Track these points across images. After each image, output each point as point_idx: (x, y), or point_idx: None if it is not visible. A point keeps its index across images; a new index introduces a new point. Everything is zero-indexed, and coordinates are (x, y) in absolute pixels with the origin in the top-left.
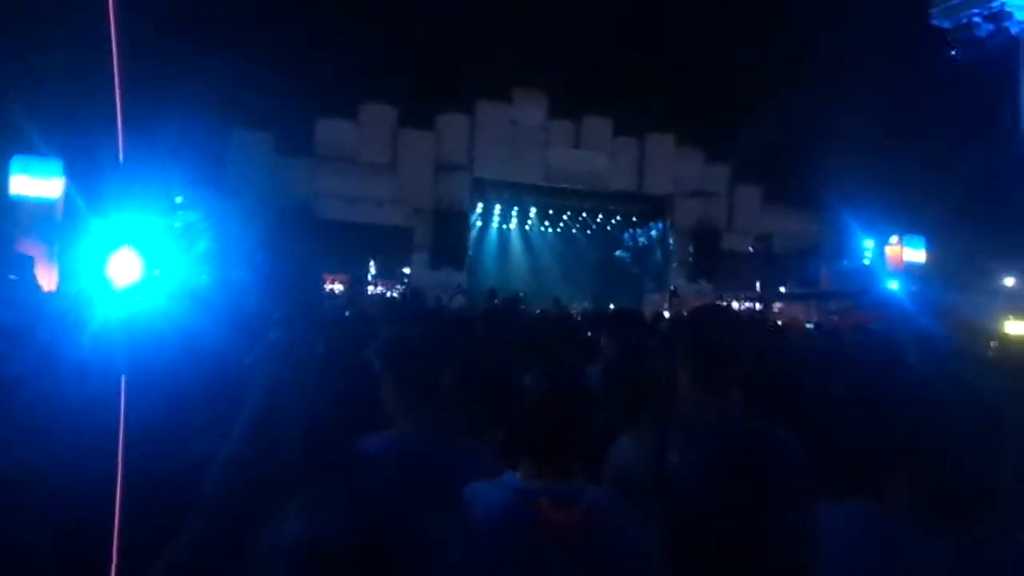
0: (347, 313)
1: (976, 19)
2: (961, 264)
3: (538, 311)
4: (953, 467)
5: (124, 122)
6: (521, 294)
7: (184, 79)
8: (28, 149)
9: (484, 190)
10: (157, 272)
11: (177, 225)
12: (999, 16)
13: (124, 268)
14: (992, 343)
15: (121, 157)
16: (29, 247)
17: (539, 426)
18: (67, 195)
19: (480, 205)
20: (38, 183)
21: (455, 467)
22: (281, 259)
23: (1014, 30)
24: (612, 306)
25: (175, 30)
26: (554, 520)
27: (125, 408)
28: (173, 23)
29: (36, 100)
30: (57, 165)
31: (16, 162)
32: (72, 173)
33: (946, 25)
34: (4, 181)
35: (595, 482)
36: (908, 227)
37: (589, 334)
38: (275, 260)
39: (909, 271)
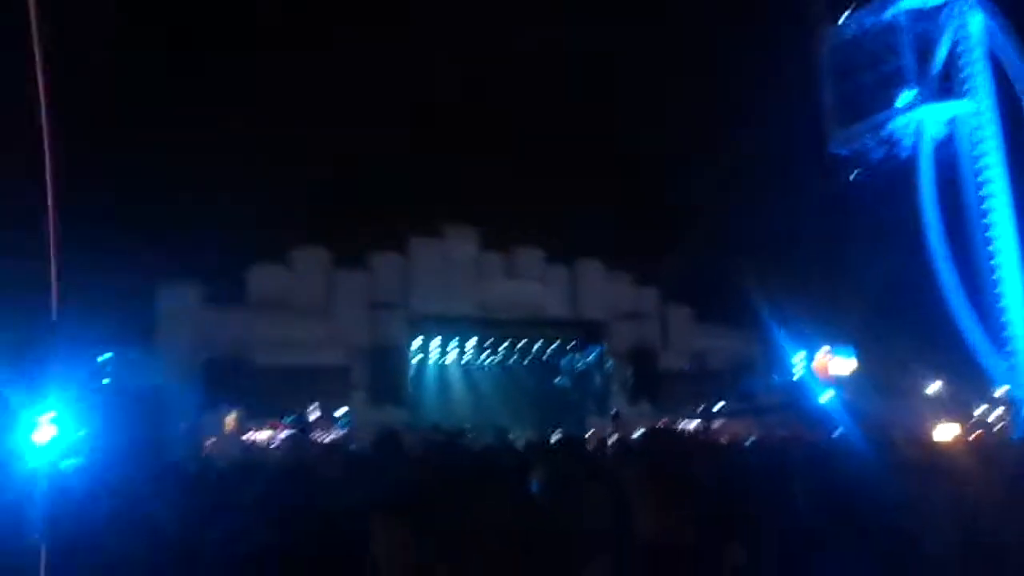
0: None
1: (869, 144)
2: (891, 371)
3: (483, 444)
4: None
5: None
6: (467, 427)
7: (110, 235)
8: None
9: (421, 325)
10: (81, 432)
11: (105, 382)
12: (890, 141)
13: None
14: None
15: (54, 316)
16: None
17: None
18: None
19: (418, 340)
20: None
21: None
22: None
23: (903, 155)
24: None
25: (100, 183)
26: None
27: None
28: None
29: None
30: None
31: None
32: None
33: (843, 152)
34: None
35: None
36: (837, 338)
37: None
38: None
39: (839, 381)
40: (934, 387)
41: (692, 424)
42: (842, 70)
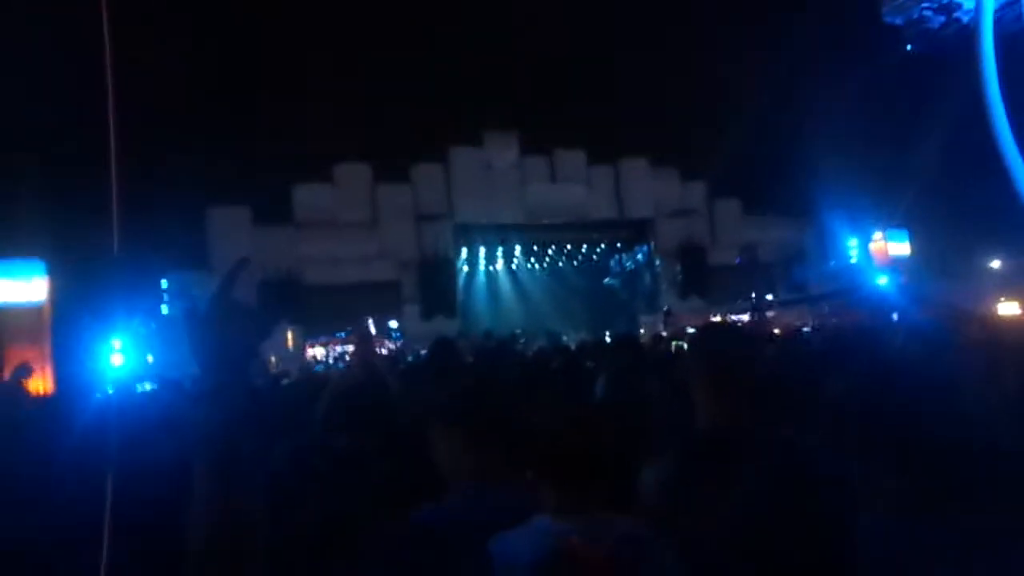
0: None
1: (927, 12)
2: (947, 252)
3: (536, 348)
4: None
5: (104, 210)
6: (518, 331)
7: (158, 161)
8: (7, 252)
9: (467, 235)
10: (151, 359)
11: (164, 311)
12: (949, 7)
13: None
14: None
15: (115, 248)
16: (20, 353)
17: (558, 462)
18: (54, 294)
19: (464, 250)
20: (21, 286)
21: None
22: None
23: (965, 19)
24: (608, 334)
25: (143, 116)
26: (585, 558)
27: (115, 481)
28: (141, 108)
29: (14, 200)
30: (39, 266)
31: None
32: (56, 271)
33: (898, 21)
34: None
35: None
36: (890, 222)
37: (590, 365)
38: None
39: (896, 265)
40: (994, 265)
41: (745, 317)
42: None
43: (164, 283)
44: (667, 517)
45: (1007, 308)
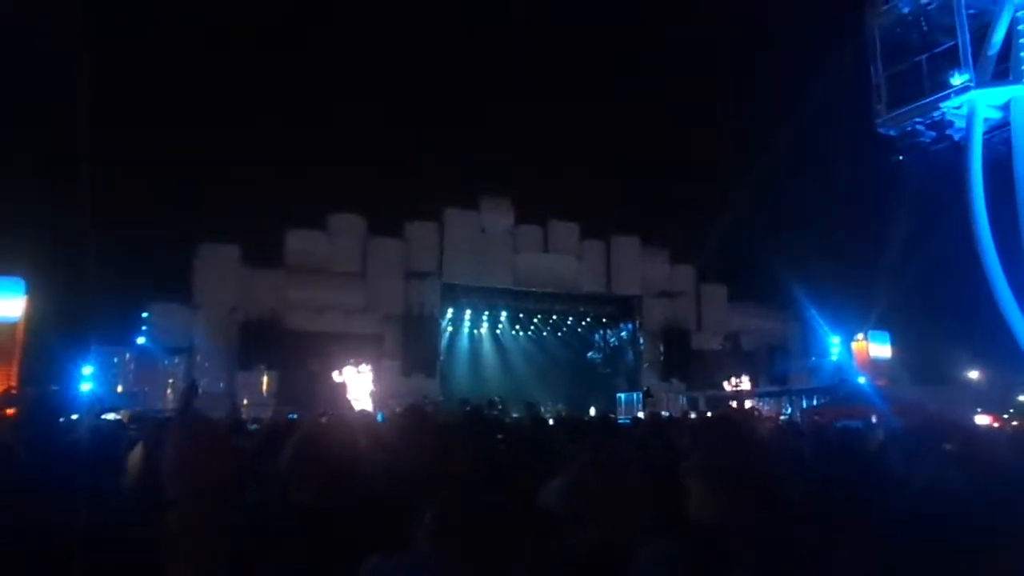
0: None
1: (919, 127)
2: (927, 359)
3: (513, 415)
4: None
5: (91, 235)
6: (496, 398)
7: (149, 194)
8: None
9: (454, 295)
10: (120, 389)
11: (141, 341)
12: (941, 124)
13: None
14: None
15: (90, 270)
16: None
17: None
18: (30, 313)
19: (450, 310)
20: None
21: None
22: None
23: (956, 136)
24: (592, 409)
25: (136, 140)
26: None
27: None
28: (135, 131)
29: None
30: (19, 285)
31: None
32: (36, 291)
33: (891, 133)
34: None
35: None
36: (873, 323)
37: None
38: None
39: (876, 367)
40: (972, 376)
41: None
42: (894, 49)
43: (145, 314)
44: None
45: (981, 420)
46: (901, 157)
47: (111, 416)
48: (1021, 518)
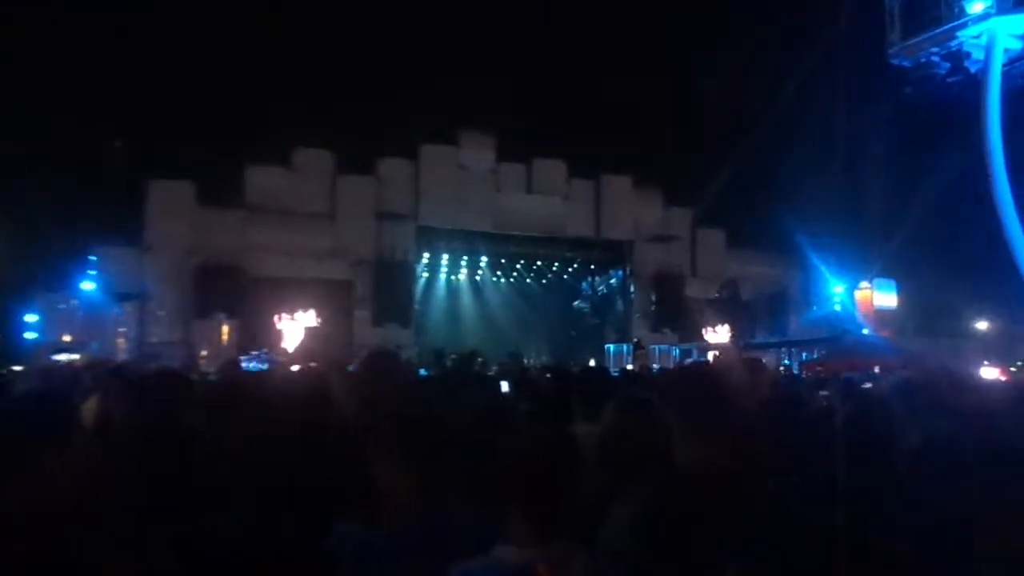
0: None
1: (935, 58)
2: (933, 309)
3: (495, 367)
4: None
5: (32, 172)
6: (476, 350)
7: (95, 127)
8: None
9: (431, 239)
10: (68, 338)
11: (91, 287)
12: (958, 55)
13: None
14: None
15: (31, 210)
16: None
17: (530, 489)
18: None
19: (426, 255)
20: None
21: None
22: None
23: (972, 69)
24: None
25: (89, 69)
26: None
27: None
28: (85, 60)
29: None
30: None
31: None
32: None
33: (905, 64)
34: None
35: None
36: (878, 271)
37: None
38: None
39: (881, 316)
40: (980, 327)
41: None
42: None
43: (92, 257)
44: (640, 554)
45: (988, 373)
46: (909, 89)
47: (62, 357)
48: (1018, 474)
